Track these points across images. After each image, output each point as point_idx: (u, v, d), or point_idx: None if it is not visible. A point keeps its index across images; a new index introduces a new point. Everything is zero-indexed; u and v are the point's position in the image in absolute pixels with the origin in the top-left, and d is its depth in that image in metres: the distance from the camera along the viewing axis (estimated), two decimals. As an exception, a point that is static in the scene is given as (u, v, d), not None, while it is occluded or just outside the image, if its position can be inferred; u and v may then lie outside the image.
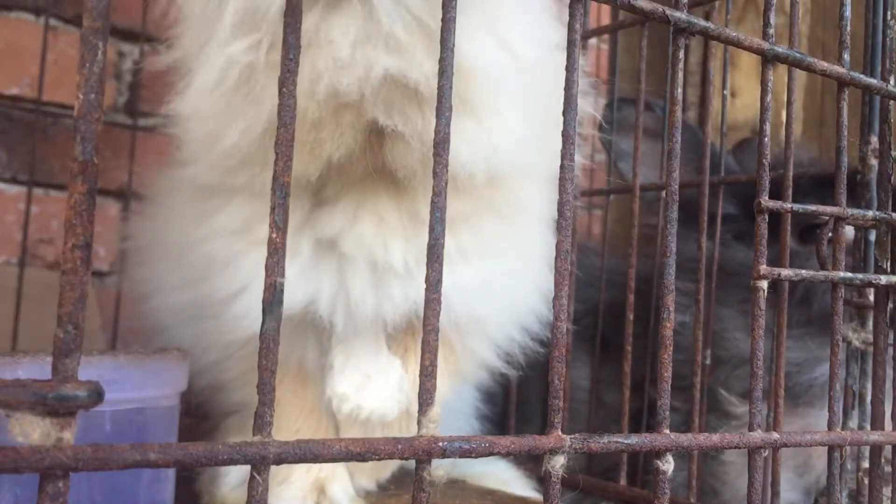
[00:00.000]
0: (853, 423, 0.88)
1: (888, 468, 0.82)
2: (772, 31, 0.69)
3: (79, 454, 0.38)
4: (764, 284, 0.68)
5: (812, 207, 0.74)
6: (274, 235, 0.44)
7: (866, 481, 0.84)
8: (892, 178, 0.89)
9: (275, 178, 0.44)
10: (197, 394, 1.00)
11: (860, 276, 0.77)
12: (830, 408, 0.73)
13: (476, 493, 0.99)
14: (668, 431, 0.59)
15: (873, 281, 0.79)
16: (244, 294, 0.80)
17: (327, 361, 0.87)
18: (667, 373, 0.60)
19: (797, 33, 0.75)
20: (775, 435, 0.65)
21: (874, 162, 0.91)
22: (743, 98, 1.86)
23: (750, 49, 0.67)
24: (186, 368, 0.82)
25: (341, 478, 0.89)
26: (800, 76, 1.42)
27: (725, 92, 1.26)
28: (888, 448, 0.82)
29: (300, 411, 0.90)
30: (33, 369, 0.67)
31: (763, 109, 0.68)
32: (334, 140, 0.73)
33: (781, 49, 0.69)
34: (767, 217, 0.69)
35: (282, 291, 0.44)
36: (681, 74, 0.61)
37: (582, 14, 0.54)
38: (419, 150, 0.73)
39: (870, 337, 0.86)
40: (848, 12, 0.77)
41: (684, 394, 1.05)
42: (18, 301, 1.25)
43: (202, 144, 0.77)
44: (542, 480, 0.54)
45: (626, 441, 0.57)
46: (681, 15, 0.61)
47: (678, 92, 0.61)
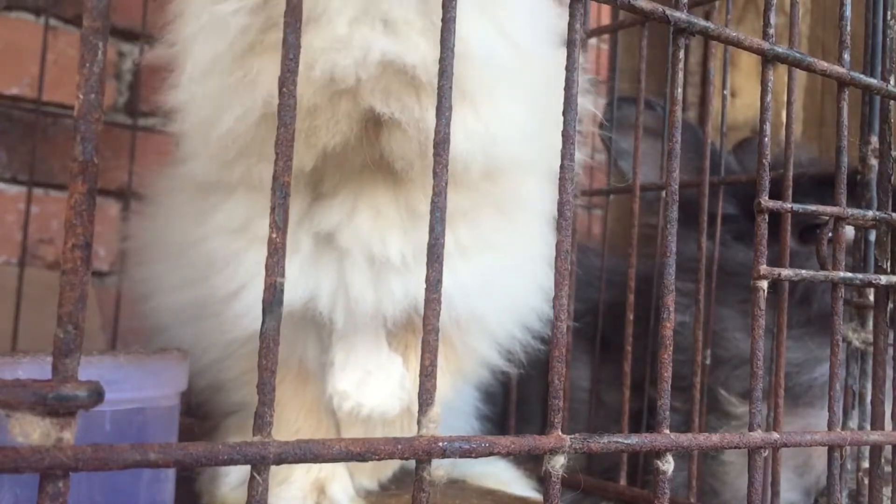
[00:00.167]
0: (853, 423, 0.88)
1: (888, 468, 0.82)
2: (772, 31, 0.69)
3: (79, 454, 0.38)
4: (764, 284, 0.68)
5: (812, 207, 0.74)
6: (274, 235, 0.44)
7: (866, 481, 0.84)
8: (892, 178, 0.89)
9: (275, 178, 0.44)
10: (197, 394, 1.00)
11: (860, 276, 0.77)
12: (830, 408, 0.73)
13: (476, 493, 0.99)
14: (668, 431, 0.59)
15: (873, 281, 0.79)
16: (244, 292, 0.79)
17: (328, 359, 0.87)
18: (667, 373, 0.60)
19: (797, 33, 0.75)
20: (775, 435, 0.65)
21: (874, 162, 0.91)
22: (743, 98, 1.86)
23: (750, 49, 0.67)
24: (186, 368, 0.82)
25: (341, 478, 0.88)
26: (800, 76, 1.42)
27: (725, 92, 1.26)
28: (888, 448, 0.82)
29: (300, 411, 0.89)
30: (33, 369, 0.68)
31: (763, 109, 0.68)
32: (329, 128, 0.72)
33: (781, 49, 0.69)
34: (767, 217, 0.69)
35: (282, 291, 0.44)
36: (681, 74, 0.61)
37: (582, 14, 0.54)
38: (416, 140, 0.73)
39: (870, 337, 0.86)
40: (848, 12, 0.77)
41: (684, 394, 1.05)
42: (18, 301, 1.25)
43: (198, 132, 0.77)
44: (542, 480, 0.54)
45: (626, 441, 0.57)
46: (681, 15, 0.61)
47: (678, 92, 0.61)
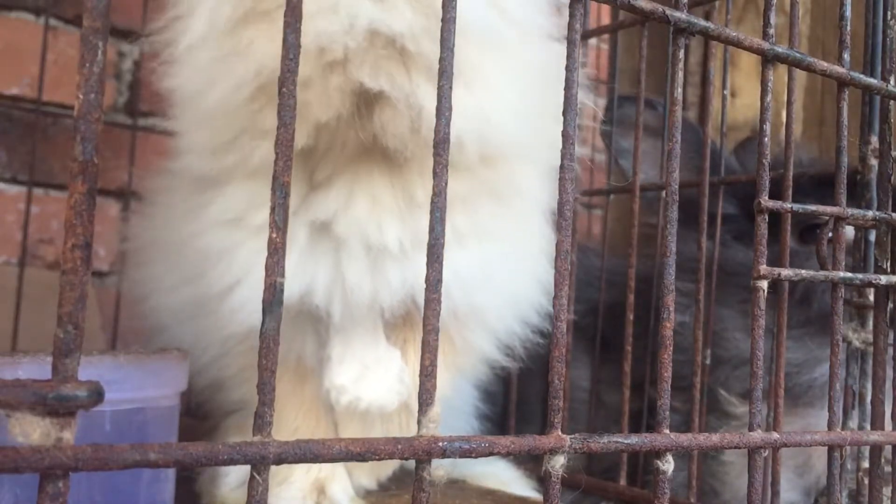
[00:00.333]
0: (853, 423, 0.88)
1: (888, 468, 0.82)
2: (772, 31, 0.69)
3: (79, 454, 0.38)
4: (764, 284, 0.68)
5: (812, 207, 0.74)
6: (274, 235, 0.44)
7: (866, 481, 0.84)
8: (892, 178, 0.89)
9: (275, 178, 0.44)
10: (197, 393, 1.00)
11: (860, 276, 0.77)
12: (830, 408, 0.73)
13: (476, 493, 0.99)
14: (668, 431, 0.59)
15: (873, 281, 0.79)
16: (239, 287, 0.79)
17: (325, 354, 0.87)
18: (667, 373, 0.60)
19: (797, 33, 0.75)
20: (775, 435, 0.65)
21: (874, 162, 0.91)
22: (743, 98, 1.86)
23: (750, 49, 0.67)
24: (186, 368, 0.82)
25: (341, 478, 0.88)
26: (800, 76, 1.42)
27: (725, 92, 1.26)
28: (888, 448, 0.82)
29: (299, 409, 0.89)
30: (33, 369, 0.68)
31: (763, 109, 0.68)
32: (321, 102, 0.72)
33: (781, 49, 0.69)
34: (767, 217, 0.69)
35: (282, 291, 0.44)
36: (681, 74, 0.61)
37: (582, 14, 0.54)
38: (408, 116, 0.73)
39: (870, 337, 0.86)
40: (848, 12, 0.77)
41: (684, 394, 1.05)
42: (18, 301, 1.25)
43: (190, 108, 0.77)
44: (542, 480, 0.54)
45: (626, 441, 0.57)
46: (681, 15, 0.61)
47: (678, 92, 0.61)
